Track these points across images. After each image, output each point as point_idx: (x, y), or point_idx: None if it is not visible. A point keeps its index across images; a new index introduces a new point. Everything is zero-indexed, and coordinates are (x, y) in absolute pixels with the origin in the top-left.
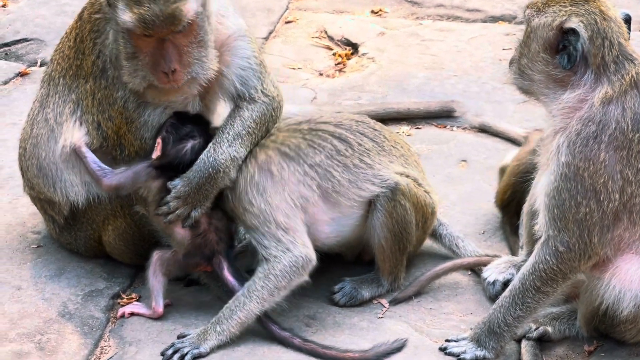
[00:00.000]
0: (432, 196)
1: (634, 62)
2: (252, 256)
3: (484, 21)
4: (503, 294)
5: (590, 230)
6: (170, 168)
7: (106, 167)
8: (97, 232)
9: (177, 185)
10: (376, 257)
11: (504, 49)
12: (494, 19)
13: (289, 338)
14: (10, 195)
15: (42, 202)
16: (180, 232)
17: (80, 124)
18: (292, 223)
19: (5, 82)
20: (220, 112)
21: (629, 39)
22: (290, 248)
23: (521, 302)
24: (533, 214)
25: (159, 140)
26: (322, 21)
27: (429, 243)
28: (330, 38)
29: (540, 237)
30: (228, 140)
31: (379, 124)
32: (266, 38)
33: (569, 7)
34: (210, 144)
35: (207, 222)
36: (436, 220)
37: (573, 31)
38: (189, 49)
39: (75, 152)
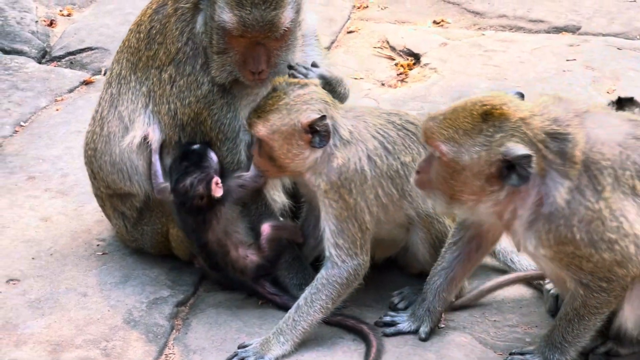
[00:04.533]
0: None
1: (568, 138)
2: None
3: (547, 32)
4: (560, 313)
5: (618, 264)
6: (183, 203)
7: (161, 177)
8: (165, 225)
9: (317, 70)
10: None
11: (567, 60)
12: (558, 30)
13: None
14: (75, 202)
15: (114, 199)
16: None
17: (152, 117)
18: (370, 225)
19: (70, 91)
20: None
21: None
22: (358, 253)
23: (579, 324)
24: None
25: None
26: (384, 31)
27: (487, 259)
28: (392, 48)
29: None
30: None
31: None
32: (328, 48)
33: (498, 135)
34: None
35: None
36: None
37: (523, 157)
38: (278, 52)
39: (148, 147)
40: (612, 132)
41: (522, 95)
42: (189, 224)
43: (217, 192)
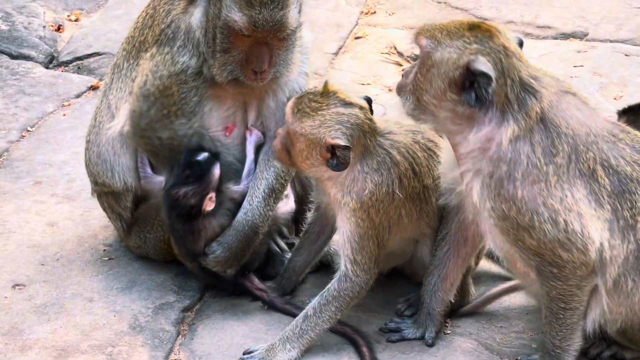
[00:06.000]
0: None
1: (536, 95)
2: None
3: (555, 38)
4: (542, 319)
5: (561, 245)
6: (173, 207)
7: (148, 166)
8: (167, 234)
9: (217, 251)
10: None
11: (575, 66)
12: (565, 36)
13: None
14: (82, 207)
15: (108, 197)
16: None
17: None
18: (385, 242)
19: (78, 96)
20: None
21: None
22: (371, 268)
23: (558, 324)
24: None
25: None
26: (391, 37)
27: (491, 266)
28: (400, 54)
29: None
30: (264, 199)
31: None
32: (336, 54)
33: (475, 45)
34: (246, 203)
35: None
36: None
37: (484, 74)
38: (280, 52)
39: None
40: (587, 118)
41: (521, 43)
42: (177, 229)
43: (209, 206)
